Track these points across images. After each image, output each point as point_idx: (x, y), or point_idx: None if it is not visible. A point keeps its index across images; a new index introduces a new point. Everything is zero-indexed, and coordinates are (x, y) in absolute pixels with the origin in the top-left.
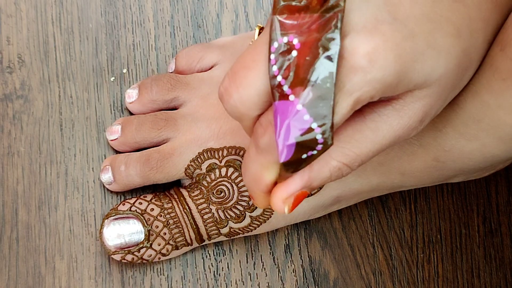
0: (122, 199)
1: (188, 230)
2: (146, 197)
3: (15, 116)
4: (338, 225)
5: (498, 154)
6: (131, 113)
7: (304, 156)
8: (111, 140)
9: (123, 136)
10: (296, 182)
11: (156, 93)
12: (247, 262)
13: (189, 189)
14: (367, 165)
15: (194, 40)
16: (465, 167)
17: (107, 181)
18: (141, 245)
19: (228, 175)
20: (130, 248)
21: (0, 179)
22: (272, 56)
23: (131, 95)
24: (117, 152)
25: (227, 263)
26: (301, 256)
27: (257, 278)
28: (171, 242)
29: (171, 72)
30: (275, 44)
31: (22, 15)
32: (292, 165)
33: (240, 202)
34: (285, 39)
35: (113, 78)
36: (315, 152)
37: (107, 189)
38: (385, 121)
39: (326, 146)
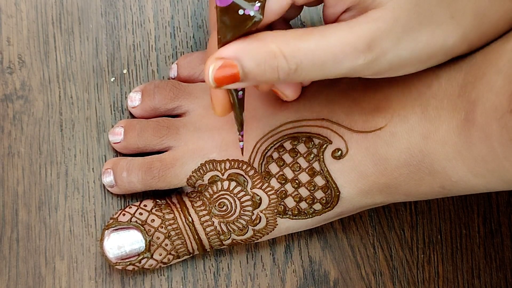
0: (122, 200)
1: (190, 242)
2: (146, 206)
3: (15, 117)
4: (338, 226)
5: (502, 189)
6: (132, 114)
7: (241, 12)
8: (114, 143)
9: (125, 140)
10: (231, 47)
11: (159, 102)
12: (247, 263)
13: (191, 199)
14: (373, 187)
15: (194, 40)
16: (469, 193)
17: (108, 184)
18: (142, 256)
19: (230, 189)
20: (131, 259)
21: (1, 180)
22: None
23: (134, 99)
24: (118, 152)
25: (228, 264)
26: (301, 256)
27: (257, 279)
28: (172, 252)
29: (173, 78)
30: None
31: (22, 16)
32: (229, 19)
33: (242, 217)
34: None
35: (113, 78)
36: (252, 13)
37: (107, 190)
38: (335, 32)
39: (263, 8)
